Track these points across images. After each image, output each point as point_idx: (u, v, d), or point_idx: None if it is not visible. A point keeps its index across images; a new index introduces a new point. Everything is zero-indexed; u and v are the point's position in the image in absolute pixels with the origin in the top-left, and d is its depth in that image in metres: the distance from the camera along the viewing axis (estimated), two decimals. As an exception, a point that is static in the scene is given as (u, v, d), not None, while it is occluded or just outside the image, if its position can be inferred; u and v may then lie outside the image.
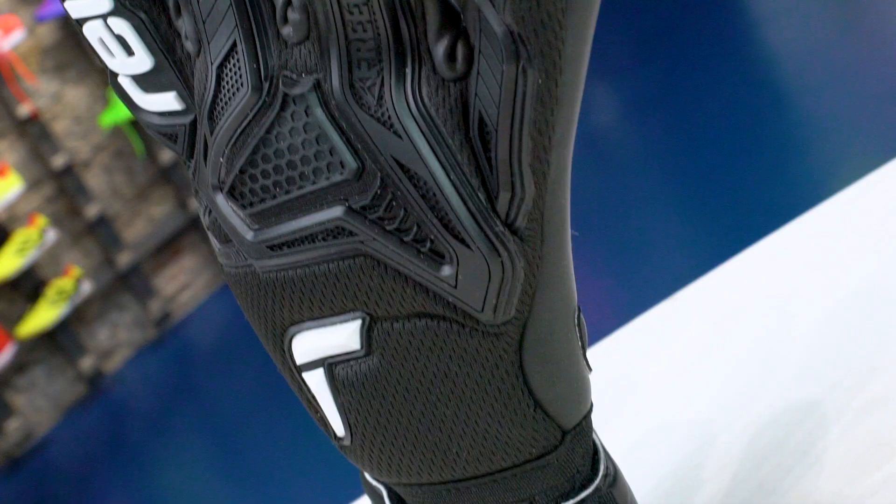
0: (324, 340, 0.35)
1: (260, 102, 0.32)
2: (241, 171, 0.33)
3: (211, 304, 3.63)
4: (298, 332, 0.35)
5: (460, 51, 0.30)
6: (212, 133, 0.34)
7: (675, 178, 2.77)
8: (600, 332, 0.59)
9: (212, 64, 0.33)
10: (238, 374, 2.94)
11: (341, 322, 0.34)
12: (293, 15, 0.31)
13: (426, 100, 0.31)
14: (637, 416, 0.54)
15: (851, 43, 2.91)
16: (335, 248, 0.33)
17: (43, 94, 3.46)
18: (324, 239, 0.33)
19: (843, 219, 0.60)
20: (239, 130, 0.33)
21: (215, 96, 0.33)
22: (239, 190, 0.34)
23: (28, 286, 3.34)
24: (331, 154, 0.32)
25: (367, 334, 0.34)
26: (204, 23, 0.33)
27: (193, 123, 0.35)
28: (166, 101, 0.35)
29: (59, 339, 3.39)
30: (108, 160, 3.59)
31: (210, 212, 0.36)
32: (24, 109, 3.36)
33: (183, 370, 3.47)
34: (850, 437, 0.45)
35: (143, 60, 0.35)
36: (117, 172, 3.60)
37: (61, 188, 3.47)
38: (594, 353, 0.46)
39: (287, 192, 0.33)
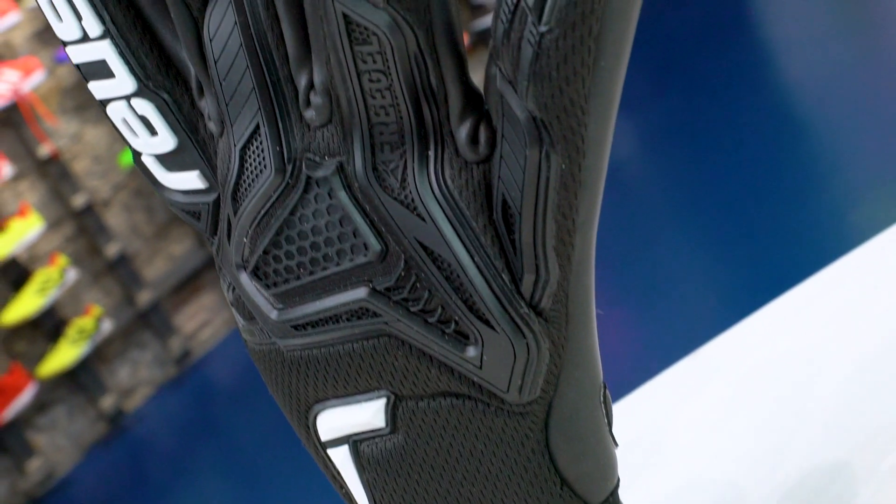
0: (349, 418, 0.35)
1: (283, 184, 0.32)
2: (265, 252, 0.33)
3: (231, 341, 3.63)
4: (323, 409, 0.35)
5: (483, 134, 0.30)
6: (235, 214, 0.34)
7: (694, 227, 2.72)
8: (621, 389, 0.59)
9: (235, 146, 0.33)
10: (259, 411, 2.93)
11: (366, 400, 0.34)
12: (316, 99, 0.31)
13: (449, 182, 0.31)
14: (660, 477, 0.54)
15: (877, 82, 2.86)
16: (359, 329, 0.33)
17: (63, 134, 3.49)
18: (348, 319, 0.33)
19: (870, 270, 0.59)
20: (263, 212, 0.33)
21: (239, 177, 0.33)
22: (263, 270, 0.34)
23: (49, 326, 3.35)
24: (354, 236, 0.32)
25: (392, 412, 0.34)
26: (227, 105, 0.33)
27: (217, 202, 0.35)
28: (190, 180, 0.35)
29: (79, 378, 3.40)
30: (128, 199, 3.61)
31: (234, 288, 0.36)
32: (44, 150, 3.39)
33: (203, 407, 3.47)
34: (880, 500, 0.44)
35: (166, 140, 0.35)
36: (137, 211, 3.62)
37: (81, 227, 3.49)
38: (615, 411, 0.45)
39: (311, 273, 0.33)
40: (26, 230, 3.22)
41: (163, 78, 0.34)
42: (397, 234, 0.31)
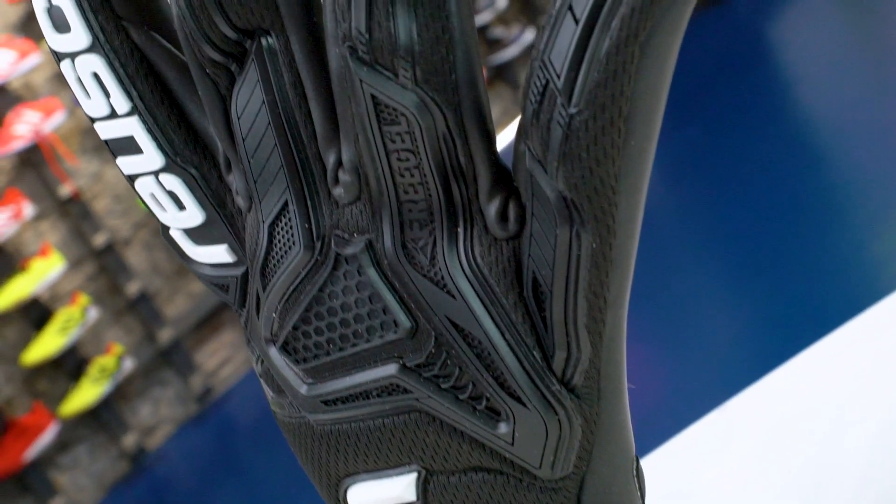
0: (380, 492, 0.34)
1: (312, 261, 0.32)
2: (295, 328, 0.33)
3: (252, 377, 3.63)
4: (354, 483, 0.35)
5: (512, 211, 0.30)
6: (264, 289, 0.34)
7: (718, 278, 2.64)
8: (648, 444, 0.58)
9: (263, 222, 0.33)
10: (281, 448, 2.91)
11: (397, 475, 0.34)
12: (344, 176, 0.31)
13: (479, 259, 0.31)
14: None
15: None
16: (390, 405, 0.33)
17: (83, 173, 3.51)
18: (378, 395, 0.33)
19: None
20: (292, 288, 0.33)
21: (268, 253, 0.33)
22: (292, 345, 0.34)
23: (70, 365, 3.36)
24: (384, 313, 0.32)
25: (423, 487, 0.34)
26: (255, 182, 0.33)
27: (245, 275, 0.35)
28: (218, 254, 0.35)
29: (101, 417, 3.41)
30: (148, 237, 3.62)
31: (262, 361, 0.36)
32: (65, 189, 3.41)
33: (225, 445, 3.47)
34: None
35: (194, 215, 0.35)
36: (157, 249, 3.63)
37: (102, 266, 3.50)
38: (643, 467, 0.45)
39: (341, 350, 0.33)
40: (48, 270, 3.24)
41: (190, 153, 0.35)
42: (427, 312, 0.31)
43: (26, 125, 3.29)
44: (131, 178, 0.35)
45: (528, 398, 0.31)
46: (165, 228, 0.36)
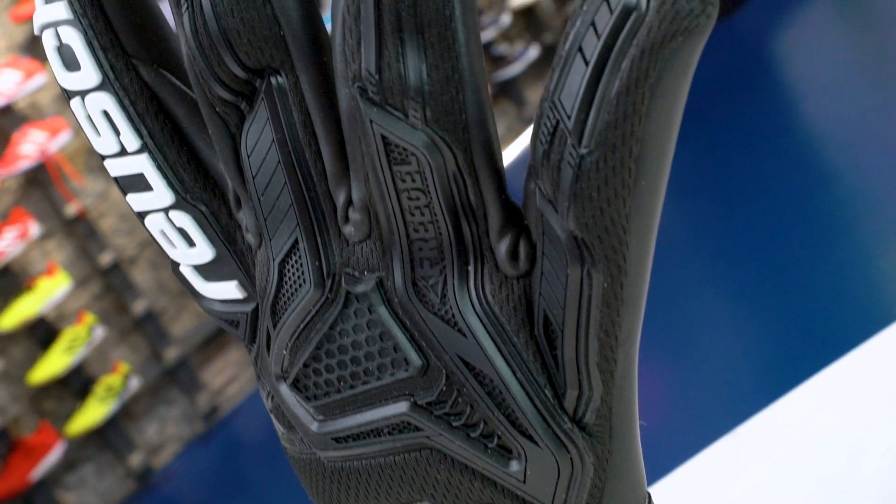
0: (391, 529, 0.34)
1: (323, 299, 0.32)
2: (305, 365, 0.33)
3: (258, 396, 3.63)
4: (365, 519, 0.35)
5: (523, 249, 0.30)
6: (275, 326, 0.34)
7: (728, 296, 2.57)
8: (658, 471, 0.58)
9: (273, 259, 0.33)
10: (287, 466, 2.91)
11: (408, 511, 0.34)
12: (354, 215, 0.31)
13: (490, 298, 0.30)
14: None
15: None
16: (401, 442, 0.33)
17: (89, 193, 3.52)
18: (390, 433, 0.33)
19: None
20: (302, 325, 0.33)
21: (278, 291, 0.33)
22: (303, 382, 0.34)
23: (77, 384, 3.36)
24: (395, 351, 0.32)
25: (434, 523, 0.34)
26: (265, 220, 0.33)
27: (255, 311, 0.35)
28: (227, 290, 0.35)
29: (107, 436, 3.41)
30: (154, 256, 3.63)
31: (273, 397, 0.36)
32: (71, 209, 3.42)
33: (232, 463, 3.46)
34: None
35: (204, 252, 0.35)
36: (163, 268, 3.64)
37: (108, 285, 3.51)
38: (653, 493, 0.44)
39: (352, 387, 0.33)
40: (54, 289, 3.24)
41: (200, 190, 0.35)
42: (438, 350, 0.31)
43: (32, 145, 3.30)
44: (141, 215, 0.35)
45: (539, 436, 0.31)
46: (176, 265, 0.36)
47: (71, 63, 0.34)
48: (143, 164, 0.34)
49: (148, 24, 0.34)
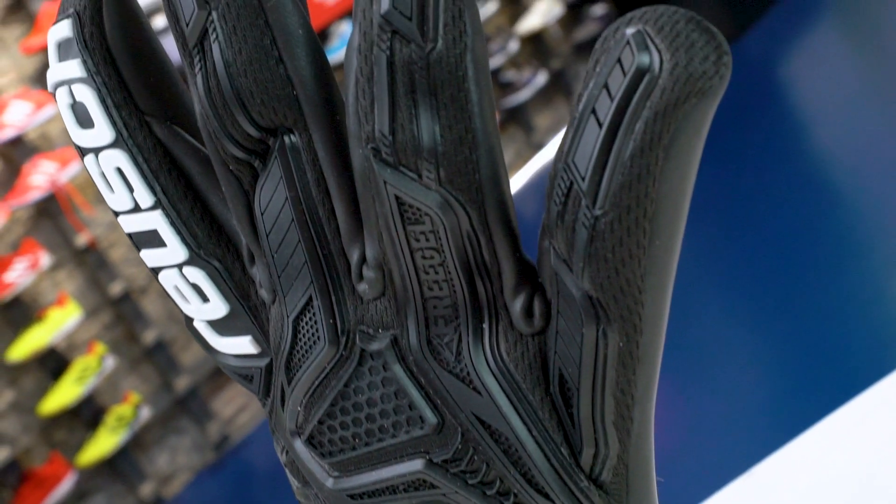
0: (406, 585, 0.34)
1: (337, 356, 0.32)
2: (320, 422, 0.33)
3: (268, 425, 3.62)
4: (380, 573, 0.35)
5: (538, 306, 0.30)
6: (289, 383, 0.34)
7: (739, 335, 2.52)
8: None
9: (288, 316, 0.33)
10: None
11: (424, 568, 0.34)
12: (368, 273, 0.31)
13: (504, 355, 0.30)
14: None
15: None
16: (417, 500, 0.33)
17: (99, 223, 3.53)
18: (405, 490, 0.33)
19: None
20: (317, 382, 0.33)
21: (292, 347, 0.33)
22: (318, 439, 0.33)
23: (88, 414, 3.36)
24: (410, 409, 0.32)
25: (450, 580, 0.34)
26: (279, 277, 0.33)
27: (269, 366, 0.35)
28: (241, 345, 0.35)
29: (118, 466, 3.40)
30: (165, 285, 3.63)
31: (287, 452, 0.36)
32: (81, 239, 3.43)
33: (242, 492, 3.45)
34: None
35: (218, 307, 0.35)
36: (173, 297, 3.64)
37: (119, 315, 3.51)
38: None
39: (367, 445, 0.33)
40: (64, 319, 3.25)
41: (214, 246, 0.35)
42: (453, 408, 0.31)
43: (43, 175, 3.31)
44: (155, 271, 0.36)
45: (556, 495, 0.31)
46: (189, 320, 0.36)
47: (85, 121, 0.34)
48: (156, 221, 0.34)
49: (161, 81, 0.34)
